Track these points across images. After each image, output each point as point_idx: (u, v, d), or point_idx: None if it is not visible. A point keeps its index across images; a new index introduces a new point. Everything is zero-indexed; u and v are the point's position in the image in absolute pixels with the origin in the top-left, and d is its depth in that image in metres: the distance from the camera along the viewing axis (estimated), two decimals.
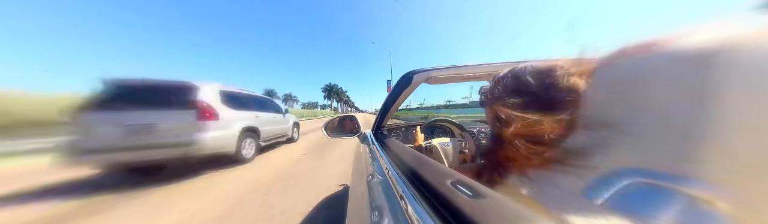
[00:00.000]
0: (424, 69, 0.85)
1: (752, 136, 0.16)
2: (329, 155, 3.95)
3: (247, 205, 1.93)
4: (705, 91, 0.17)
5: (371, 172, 0.66)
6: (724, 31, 0.19)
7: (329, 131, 1.37)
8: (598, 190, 0.22)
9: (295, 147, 5.07)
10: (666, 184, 0.19)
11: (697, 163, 0.17)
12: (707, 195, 0.17)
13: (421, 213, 0.30)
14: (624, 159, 0.22)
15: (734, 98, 0.16)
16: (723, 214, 0.17)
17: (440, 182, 0.33)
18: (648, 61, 0.22)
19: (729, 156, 0.16)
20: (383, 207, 0.41)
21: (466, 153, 1.15)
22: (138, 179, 2.72)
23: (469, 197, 0.26)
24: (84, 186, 2.56)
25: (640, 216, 0.19)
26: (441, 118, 1.58)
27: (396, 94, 0.97)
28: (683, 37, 0.20)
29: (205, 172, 2.96)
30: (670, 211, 0.18)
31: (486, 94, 0.39)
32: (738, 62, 0.16)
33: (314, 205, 1.85)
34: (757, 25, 0.18)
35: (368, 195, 0.52)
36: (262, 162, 3.51)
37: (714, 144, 0.17)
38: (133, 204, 2.02)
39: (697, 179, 0.17)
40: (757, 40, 0.16)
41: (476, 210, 0.23)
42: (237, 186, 2.42)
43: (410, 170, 0.45)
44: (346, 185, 2.27)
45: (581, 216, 0.22)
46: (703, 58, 0.18)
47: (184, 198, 2.12)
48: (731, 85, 0.16)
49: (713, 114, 0.17)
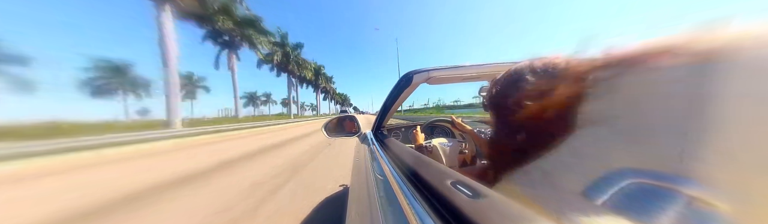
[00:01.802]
0: (423, 69, 0.85)
1: (752, 137, 0.16)
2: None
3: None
4: (705, 91, 0.17)
5: (371, 172, 0.66)
6: (724, 31, 0.19)
7: (329, 131, 1.37)
8: (598, 190, 0.22)
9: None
10: (666, 184, 0.19)
11: (696, 164, 0.17)
12: (707, 195, 0.17)
13: (420, 213, 0.30)
14: (624, 159, 0.22)
15: (734, 98, 0.16)
16: (723, 215, 0.17)
17: (440, 182, 0.33)
18: (648, 61, 0.22)
19: (729, 156, 0.16)
20: (383, 207, 0.41)
21: (466, 154, 1.15)
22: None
23: (468, 197, 0.26)
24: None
25: (640, 216, 0.19)
26: (441, 118, 1.58)
27: (396, 94, 0.97)
28: (683, 37, 0.20)
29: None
30: (670, 212, 0.18)
31: (486, 94, 0.39)
32: (738, 62, 0.16)
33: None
34: (757, 25, 0.18)
35: (368, 195, 0.52)
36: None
37: (714, 144, 0.17)
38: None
39: (697, 179, 0.17)
40: (757, 41, 0.16)
41: (476, 210, 0.23)
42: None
43: (410, 170, 0.45)
44: (346, 185, 2.27)
45: (581, 216, 0.22)
46: (703, 58, 0.18)
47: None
48: (731, 85, 0.16)
49: (713, 114, 0.17)
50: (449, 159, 1.09)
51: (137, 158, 4.49)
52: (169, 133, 8.40)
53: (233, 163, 3.65)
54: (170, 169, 3.33)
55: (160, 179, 2.82)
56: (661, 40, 0.22)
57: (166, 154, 4.89)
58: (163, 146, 6.26)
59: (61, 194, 2.41)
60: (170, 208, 1.96)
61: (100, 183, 2.75)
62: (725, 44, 0.17)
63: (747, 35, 0.17)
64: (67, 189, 2.59)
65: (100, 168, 3.66)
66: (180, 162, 4.00)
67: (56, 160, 4.43)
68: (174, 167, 3.49)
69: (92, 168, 3.72)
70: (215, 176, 2.91)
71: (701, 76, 0.17)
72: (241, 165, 3.51)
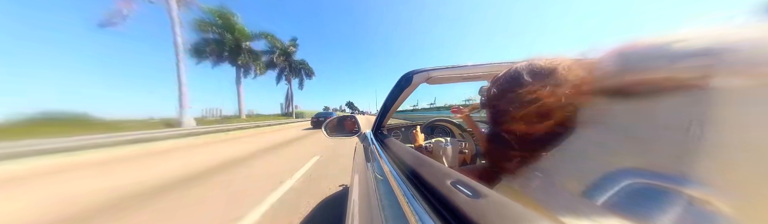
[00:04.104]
0: (423, 69, 0.85)
1: (752, 137, 0.16)
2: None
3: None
4: (705, 91, 0.17)
5: (371, 172, 0.66)
6: (725, 31, 0.19)
7: (329, 131, 1.37)
8: (598, 190, 0.22)
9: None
10: (666, 185, 0.19)
11: (696, 164, 0.17)
12: (707, 196, 0.17)
13: (420, 213, 0.30)
14: (624, 159, 0.22)
15: (734, 99, 0.16)
16: (723, 215, 0.17)
17: (440, 182, 0.33)
18: (649, 61, 0.22)
19: (729, 156, 0.16)
20: (383, 207, 0.41)
21: (466, 154, 1.15)
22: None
23: (469, 197, 0.26)
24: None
25: (640, 216, 0.19)
26: (441, 118, 1.58)
27: (396, 94, 0.97)
28: (683, 38, 0.20)
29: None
30: (670, 212, 0.18)
31: (485, 94, 0.39)
32: (738, 63, 0.16)
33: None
34: (757, 25, 0.18)
35: (368, 195, 0.52)
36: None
37: (714, 144, 0.17)
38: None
39: (697, 180, 0.17)
40: (756, 41, 0.16)
41: (476, 210, 0.23)
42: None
43: (410, 170, 0.45)
44: (346, 185, 2.28)
45: (581, 216, 0.22)
46: (703, 59, 0.18)
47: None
48: (731, 85, 0.16)
49: (713, 114, 0.17)
50: (449, 159, 1.09)
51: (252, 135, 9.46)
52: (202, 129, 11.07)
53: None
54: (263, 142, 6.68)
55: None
56: (663, 41, 0.22)
57: (238, 139, 8.08)
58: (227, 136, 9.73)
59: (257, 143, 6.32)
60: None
61: (254, 142, 6.65)
62: (725, 44, 0.17)
63: (747, 36, 0.17)
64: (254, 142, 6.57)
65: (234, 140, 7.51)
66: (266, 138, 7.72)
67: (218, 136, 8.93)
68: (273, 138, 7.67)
69: (232, 140, 7.48)
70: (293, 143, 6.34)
71: (701, 75, 0.17)
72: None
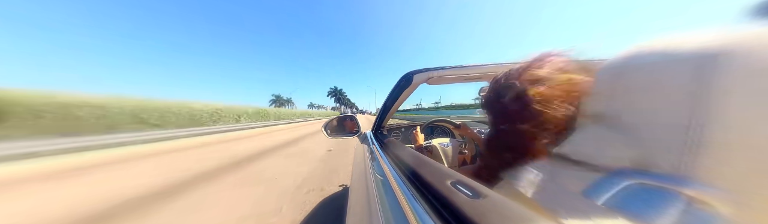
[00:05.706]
0: (424, 69, 0.85)
1: (752, 137, 0.16)
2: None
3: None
4: (705, 91, 0.17)
5: (371, 172, 0.66)
6: (725, 33, 0.19)
7: (329, 131, 1.37)
8: (598, 190, 0.22)
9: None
10: (666, 185, 0.19)
11: (696, 164, 0.17)
12: (707, 196, 0.17)
13: (420, 213, 0.30)
14: (624, 159, 0.22)
15: (734, 99, 0.16)
16: (722, 216, 0.17)
17: (440, 182, 0.33)
18: (649, 61, 0.22)
19: (728, 157, 0.16)
20: (383, 207, 0.41)
21: (466, 154, 1.15)
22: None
23: (468, 197, 0.26)
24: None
25: (640, 216, 0.19)
26: (441, 119, 1.58)
27: (396, 94, 0.97)
28: (684, 39, 0.20)
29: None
30: (670, 212, 0.18)
31: (485, 95, 0.39)
32: (738, 64, 0.16)
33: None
34: (757, 27, 0.18)
35: (368, 195, 0.52)
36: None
37: (713, 145, 0.17)
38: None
39: (697, 180, 0.17)
40: (756, 42, 0.16)
41: (476, 210, 0.23)
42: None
43: (410, 170, 0.45)
44: (346, 185, 2.28)
45: (581, 216, 0.22)
46: (704, 60, 0.18)
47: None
48: (731, 86, 0.16)
49: (713, 115, 0.17)
50: (449, 160, 1.09)
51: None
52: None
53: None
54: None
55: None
56: (663, 42, 0.22)
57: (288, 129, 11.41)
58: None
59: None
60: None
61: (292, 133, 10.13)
62: (725, 46, 0.17)
63: (747, 37, 0.17)
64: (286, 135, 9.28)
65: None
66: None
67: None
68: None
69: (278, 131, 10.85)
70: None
71: (701, 75, 0.18)
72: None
